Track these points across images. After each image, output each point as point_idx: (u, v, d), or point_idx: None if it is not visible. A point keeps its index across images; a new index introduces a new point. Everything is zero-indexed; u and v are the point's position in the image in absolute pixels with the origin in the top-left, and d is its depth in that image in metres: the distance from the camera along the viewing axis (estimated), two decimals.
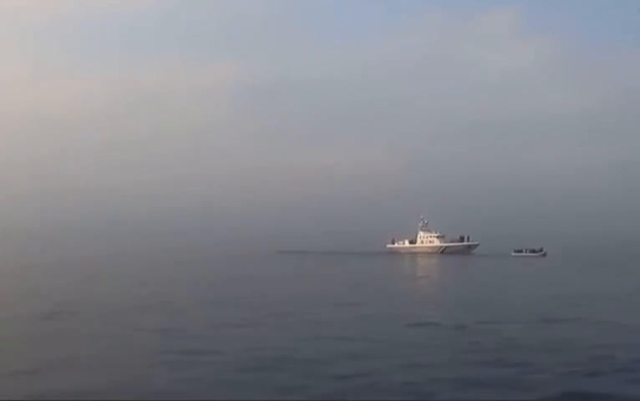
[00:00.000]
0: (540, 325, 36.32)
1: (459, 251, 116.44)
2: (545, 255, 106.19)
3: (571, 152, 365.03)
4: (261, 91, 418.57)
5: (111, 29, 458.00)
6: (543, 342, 30.77)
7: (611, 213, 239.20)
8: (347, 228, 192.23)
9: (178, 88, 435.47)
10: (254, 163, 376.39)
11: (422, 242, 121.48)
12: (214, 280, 67.17)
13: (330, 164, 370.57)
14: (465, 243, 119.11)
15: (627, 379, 23.83)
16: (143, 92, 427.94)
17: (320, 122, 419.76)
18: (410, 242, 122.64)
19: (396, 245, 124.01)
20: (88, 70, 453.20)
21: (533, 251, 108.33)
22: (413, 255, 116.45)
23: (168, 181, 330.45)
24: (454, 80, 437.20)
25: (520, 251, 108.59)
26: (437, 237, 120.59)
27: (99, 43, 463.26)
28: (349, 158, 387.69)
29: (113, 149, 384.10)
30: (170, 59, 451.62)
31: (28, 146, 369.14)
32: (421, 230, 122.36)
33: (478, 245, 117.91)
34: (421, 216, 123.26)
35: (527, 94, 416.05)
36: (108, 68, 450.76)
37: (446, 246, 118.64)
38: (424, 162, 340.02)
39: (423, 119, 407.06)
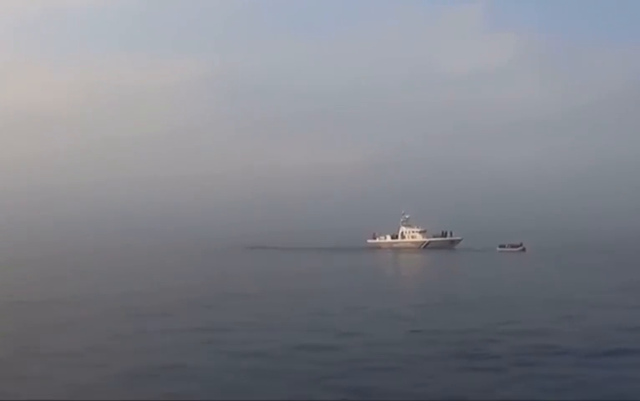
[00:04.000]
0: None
1: (442, 246, 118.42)
2: (524, 250, 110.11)
3: (539, 148, 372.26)
4: (227, 89, 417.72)
5: (73, 26, 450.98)
6: None
7: (586, 210, 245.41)
8: (326, 226, 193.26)
9: (144, 85, 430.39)
10: (226, 164, 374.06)
11: (404, 237, 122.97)
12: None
13: (294, 165, 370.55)
14: (448, 238, 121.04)
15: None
16: (106, 90, 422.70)
17: (280, 121, 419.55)
18: (392, 237, 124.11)
19: (377, 240, 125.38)
20: (53, 69, 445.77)
21: (513, 246, 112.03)
22: (395, 250, 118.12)
23: (135, 182, 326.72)
24: (422, 74, 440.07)
25: (503, 247, 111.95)
26: (420, 232, 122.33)
27: (63, 40, 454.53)
28: (316, 157, 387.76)
29: (80, 149, 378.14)
30: (133, 56, 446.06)
31: None
32: (403, 225, 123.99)
33: (461, 240, 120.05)
34: (402, 211, 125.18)
35: (496, 88, 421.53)
36: (72, 66, 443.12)
37: (429, 241, 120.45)
38: (394, 157, 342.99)
39: (390, 115, 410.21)
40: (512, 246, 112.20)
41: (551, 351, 28.26)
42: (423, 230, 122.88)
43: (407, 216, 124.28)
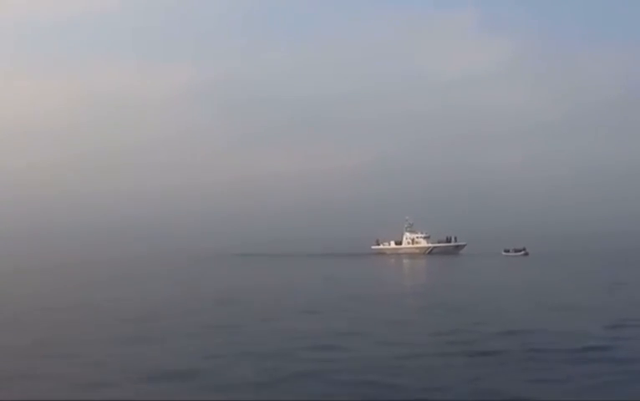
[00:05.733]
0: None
1: (446, 251, 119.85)
2: (527, 254, 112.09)
3: (536, 152, 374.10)
4: (221, 98, 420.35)
5: (69, 35, 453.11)
6: None
7: (585, 214, 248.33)
8: (327, 233, 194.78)
9: (130, 94, 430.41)
10: (222, 173, 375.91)
11: (408, 243, 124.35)
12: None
13: (291, 172, 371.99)
14: (453, 244, 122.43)
15: None
16: (101, 99, 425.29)
17: (275, 129, 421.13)
18: (396, 243, 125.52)
19: (381, 246, 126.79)
20: (49, 79, 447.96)
21: (517, 251, 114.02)
22: (399, 256, 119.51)
23: (131, 192, 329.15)
24: (416, 80, 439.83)
25: (508, 251, 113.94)
26: (424, 238, 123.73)
27: (59, 49, 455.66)
28: (312, 164, 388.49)
29: (75, 159, 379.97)
30: (127, 65, 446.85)
31: None
32: (407, 231, 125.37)
33: (465, 245, 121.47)
34: (406, 217, 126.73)
35: (491, 93, 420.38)
36: (67, 75, 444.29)
37: (433, 247, 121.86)
38: (391, 163, 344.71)
39: (385, 121, 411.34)
40: (516, 251, 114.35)
41: (536, 349, 30.06)
42: (427, 235, 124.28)
43: (410, 222, 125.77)
